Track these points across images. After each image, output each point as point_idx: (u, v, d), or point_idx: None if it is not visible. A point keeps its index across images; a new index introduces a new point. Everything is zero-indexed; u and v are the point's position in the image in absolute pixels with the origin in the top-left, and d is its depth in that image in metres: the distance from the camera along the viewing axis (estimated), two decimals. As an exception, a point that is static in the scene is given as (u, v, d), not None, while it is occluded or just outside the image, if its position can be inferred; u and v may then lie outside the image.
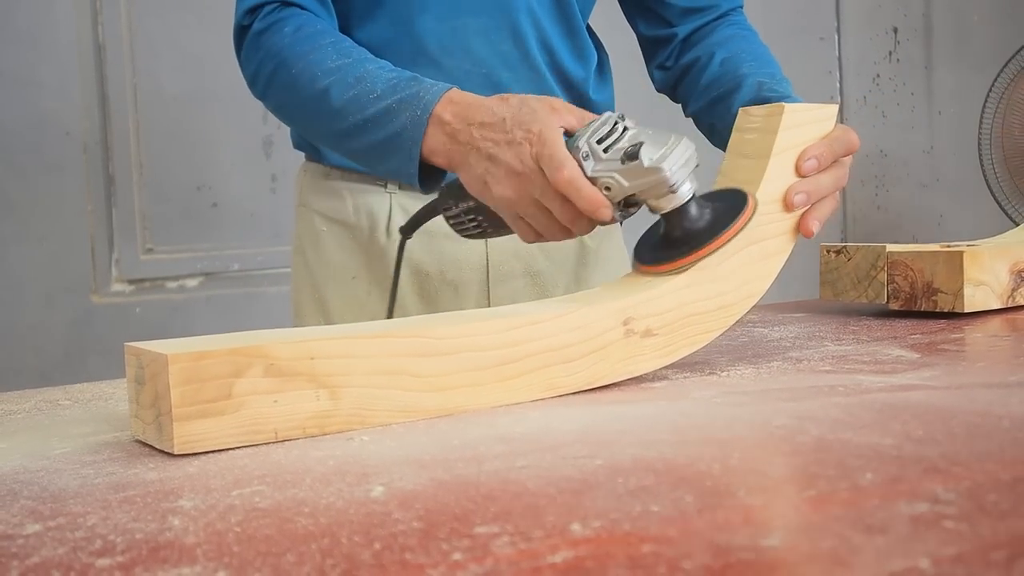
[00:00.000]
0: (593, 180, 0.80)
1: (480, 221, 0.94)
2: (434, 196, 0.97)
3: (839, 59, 3.24)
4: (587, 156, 0.80)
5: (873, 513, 0.44)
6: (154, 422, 0.63)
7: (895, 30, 3.32)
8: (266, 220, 2.45)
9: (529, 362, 0.73)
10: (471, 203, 0.92)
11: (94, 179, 2.31)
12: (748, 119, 0.88)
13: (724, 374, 0.81)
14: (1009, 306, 1.10)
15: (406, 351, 0.68)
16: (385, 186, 1.17)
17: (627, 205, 0.82)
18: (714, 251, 0.79)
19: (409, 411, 0.69)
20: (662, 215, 0.80)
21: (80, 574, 0.42)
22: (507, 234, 0.94)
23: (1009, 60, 2.86)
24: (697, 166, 0.80)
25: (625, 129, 0.81)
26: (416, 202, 1.16)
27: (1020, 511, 0.44)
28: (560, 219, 0.84)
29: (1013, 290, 1.10)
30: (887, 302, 1.11)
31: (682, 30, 1.20)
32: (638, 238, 0.85)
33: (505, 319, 0.73)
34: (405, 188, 1.16)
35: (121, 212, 2.33)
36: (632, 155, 0.78)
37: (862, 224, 3.28)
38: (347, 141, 0.97)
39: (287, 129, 2.43)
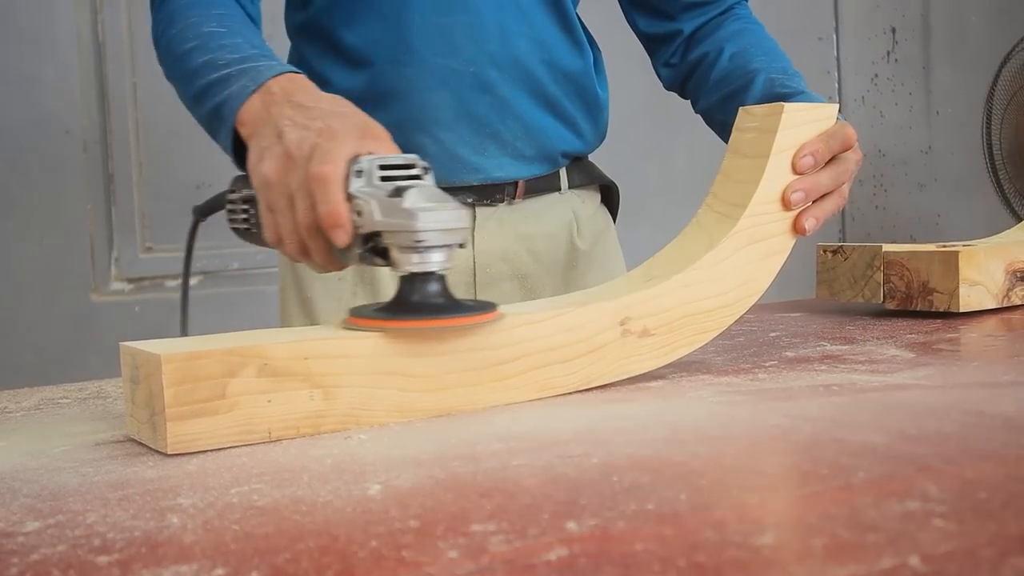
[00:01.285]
0: (351, 197, 0.71)
1: (249, 216, 0.85)
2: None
3: (837, 59, 3.24)
4: (360, 173, 0.72)
5: (865, 511, 0.45)
6: (148, 421, 0.64)
7: (893, 30, 3.33)
8: (265, 219, 2.45)
9: (525, 362, 0.73)
10: (251, 192, 0.82)
11: (93, 177, 2.31)
12: (748, 118, 0.88)
13: (720, 373, 0.81)
14: (1004, 306, 1.10)
15: (401, 351, 0.69)
16: None
17: (373, 252, 0.72)
18: (428, 328, 0.69)
19: (404, 411, 0.69)
20: (401, 276, 0.71)
21: (79, 571, 0.42)
22: (259, 243, 0.85)
23: (1012, 49, 2.85)
24: (461, 246, 0.71)
25: (419, 176, 0.73)
26: None
27: (1010, 510, 0.44)
28: (301, 222, 0.75)
29: (1008, 290, 1.11)
30: (883, 302, 1.11)
31: (687, 26, 1.19)
32: (631, 239, 0.84)
33: (501, 319, 0.73)
34: None
35: (121, 211, 2.33)
36: (399, 191, 0.70)
37: (860, 224, 3.29)
38: (195, 107, 0.93)
39: (286, 128, 2.43)
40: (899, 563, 0.38)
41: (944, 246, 1.12)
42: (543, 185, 1.20)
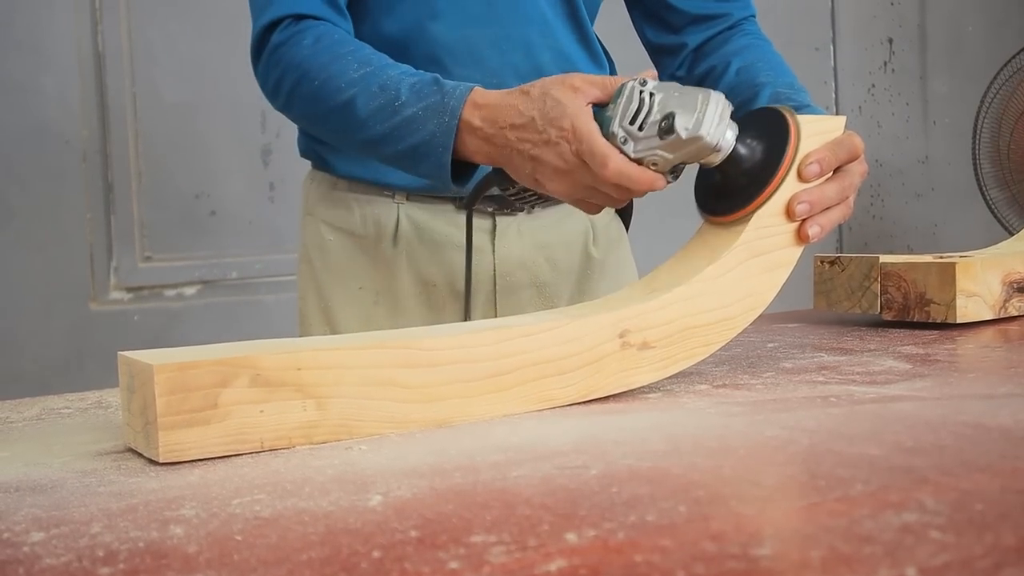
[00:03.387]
0: (639, 160, 0.82)
1: (526, 193, 0.97)
2: (478, 176, 0.99)
3: (834, 69, 3.25)
4: (625, 140, 0.82)
5: (862, 523, 0.45)
6: (143, 430, 0.64)
7: (890, 40, 3.34)
8: (264, 228, 2.46)
9: (521, 374, 0.74)
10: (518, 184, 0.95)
11: (93, 187, 2.31)
12: None
13: (718, 384, 0.82)
14: (1001, 317, 1.11)
15: (394, 362, 0.69)
16: (392, 196, 1.17)
17: (676, 170, 0.84)
18: (782, 180, 0.82)
19: (398, 422, 0.69)
20: (715, 168, 0.83)
21: (84, 582, 0.42)
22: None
23: (1002, 68, 2.87)
24: (732, 111, 0.82)
25: (652, 96, 0.82)
26: (424, 212, 1.17)
27: (1007, 522, 0.44)
28: (618, 199, 0.87)
29: (1005, 301, 1.11)
30: (880, 312, 1.11)
31: (692, 39, 1.20)
32: (640, 239, 0.84)
33: (496, 331, 0.73)
34: (413, 198, 1.17)
35: (120, 220, 2.34)
36: (668, 129, 0.80)
37: (857, 233, 3.30)
38: (377, 148, 0.98)
39: (285, 137, 2.44)
40: (896, 575, 0.39)
41: (941, 257, 1.12)
42: None
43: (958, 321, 1.06)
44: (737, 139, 0.82)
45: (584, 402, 0.77)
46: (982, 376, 0.82)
